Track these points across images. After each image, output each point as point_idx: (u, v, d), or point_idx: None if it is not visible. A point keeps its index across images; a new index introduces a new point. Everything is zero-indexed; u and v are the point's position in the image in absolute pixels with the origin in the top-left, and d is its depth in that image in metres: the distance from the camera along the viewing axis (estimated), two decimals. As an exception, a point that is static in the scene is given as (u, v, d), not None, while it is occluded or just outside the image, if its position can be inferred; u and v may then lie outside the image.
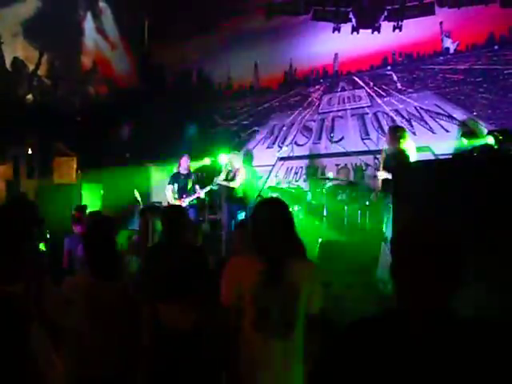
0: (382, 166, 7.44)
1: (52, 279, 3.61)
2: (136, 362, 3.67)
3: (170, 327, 3.81)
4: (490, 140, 6.77)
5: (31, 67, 11.66)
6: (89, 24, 12.41)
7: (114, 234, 4.12)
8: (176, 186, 9.74)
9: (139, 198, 9.60)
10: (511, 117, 8.24)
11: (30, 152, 10.84)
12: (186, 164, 9.86)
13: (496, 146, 6.60)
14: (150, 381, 3.77)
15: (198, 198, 9.68)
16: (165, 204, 9.47)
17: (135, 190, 9.68)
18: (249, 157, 11.12)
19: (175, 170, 9.98)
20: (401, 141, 7.16)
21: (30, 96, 11.75)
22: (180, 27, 11.81)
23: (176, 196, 9.67)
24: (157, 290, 4.02)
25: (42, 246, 5.63)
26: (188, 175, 9.82)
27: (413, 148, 7.19)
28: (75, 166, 11.18)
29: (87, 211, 6.80)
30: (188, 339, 3.79)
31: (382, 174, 7.25)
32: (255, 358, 3.07)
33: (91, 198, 10.36)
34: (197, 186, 9.70)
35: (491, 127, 8.07)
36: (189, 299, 3.88)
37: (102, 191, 10.73)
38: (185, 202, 9.47)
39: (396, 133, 7.38)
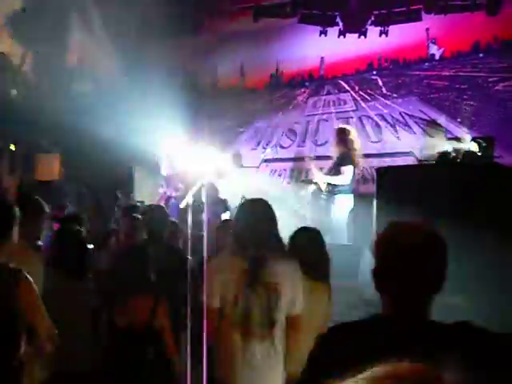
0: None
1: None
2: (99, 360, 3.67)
3: (124, 326, 3.78)
4: (474, 146, 6.81)
5: (16, 63, 11.55)
6: (75, 20, 12.32)
7: (80, 233, 4.12)
8: (164, 187, 9.73)
9: (121, 198, 9.54)
10: (495, 124, 8.30)
11: (12, 148, 10.74)
12: (170, 163, 9.81)
13: (479, 153, 6.64)
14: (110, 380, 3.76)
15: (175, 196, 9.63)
16: (147, 203, 9.43)
17: (117, 190, 9.64)
18: (237, 157, 11.11)
19: (162, 171, 9.96)
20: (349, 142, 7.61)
21: (14, 92, 11.64)
22: (167, 26, 11.76)
23: (162, 196, 9.67)
24: (119, 289, 4.00)
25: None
26: (174, 175, 9.78)
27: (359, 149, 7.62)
28: (58, 163, 11.10)
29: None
30: (142, 338, 3.76)
31: (321, 178, 7.48)
32: (235, 359, 3.06)
33: (73, 196, 10.28)
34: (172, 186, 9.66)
35: (475, 134, 8.11)
36: (148, 299, 3.85)
37: (84, 189, 10.65)
38: (162, 201, 9.44)
39: (345, 134, 7.78)
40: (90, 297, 3.85)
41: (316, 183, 8.21)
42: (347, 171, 7.67)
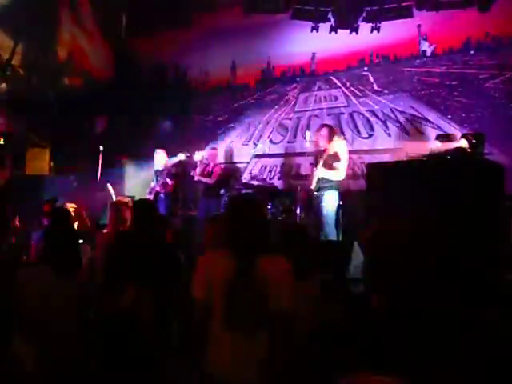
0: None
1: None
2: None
3: (109, 311, 3.79)
4: (464, 143, 6.83)
5: (5, 57, 11.47)
6: (66, 14, 12.25)
7: (71, 227, 4.12)
8: (155, 183, 9.73)
9: (112, 192, 9.50)
10: (485, 121, 8.33)
11: (1, 142, 10.69)
12: (161, 159, 9.80)
13: (469, 149, 6.66)
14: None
15: (168, 190, 9.61)
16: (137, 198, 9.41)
17: (108, 184, 9.60)
18: (229, 153, 11.13)
19: (154, 166, 9.94)
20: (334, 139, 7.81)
21: (3, 85, 11.57)
22: (157, 21, 11.73)
23: (152, 191, 9.66)
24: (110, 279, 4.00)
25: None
26: (162, 171, 9.76)
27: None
28: (48, 157, 11.06)
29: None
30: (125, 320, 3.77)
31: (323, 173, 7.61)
32: (223, 355, 3.07)
33: (63, 191, 10.24)
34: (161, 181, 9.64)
35: (465, 130, 8.16)
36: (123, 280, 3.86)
37: (74, 184, 10.61)
38: (151, 195, 9.44)
39: (332, 132, 7.98)
40: (82, 292, 3.83)
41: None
42: (341, 167, 7.70)
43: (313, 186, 7.83)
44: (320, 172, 7.71)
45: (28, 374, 3.27)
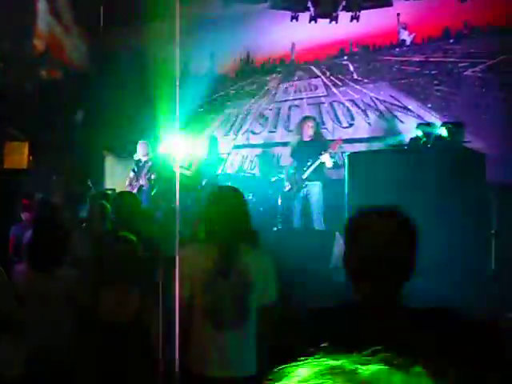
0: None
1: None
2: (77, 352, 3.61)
3: (107, 318, 3.72)
4: (444, 132, 6.85)
5: (-19, 49, 11.32)
6: (42, 6, 12.08)
7: (57, 221, 4.05)
8: (136, 174, 9.66)
9: (91, 185, 9.44)
10: (465, 109, 8.36)
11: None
12: (141, 150, 9.74)
13: (449, 138, 6.68)
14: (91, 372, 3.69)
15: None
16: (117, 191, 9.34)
17: (87, 178, 9.54)
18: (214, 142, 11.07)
19: (136, 158, 9.87)
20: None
21: (-21, 78, 11.41)
22: (136, 11, 11.61)
23: (133, 183, 9.59)
24: (97, 278, 3.94)
25: None
26: (146, 162, 9.70)
27: None
28: (27, 151, 10.93)
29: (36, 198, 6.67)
30: (126, 330, 3.71)
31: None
32: (206, 349, 3.03)
33: (43, 185, 10.13)
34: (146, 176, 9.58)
35: (445, 119, 8.18)
36: (128, 289, 3.80)
37: (53, 177, 10.50)
38: (134, 189, 9.37)
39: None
40: (71, 284, 3.76)
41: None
42: (328, 156, 7.73)
43: (306, 175, 7.84)
44: (325, 158, 7.72)
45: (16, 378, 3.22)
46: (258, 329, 3.09)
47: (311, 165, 7.81)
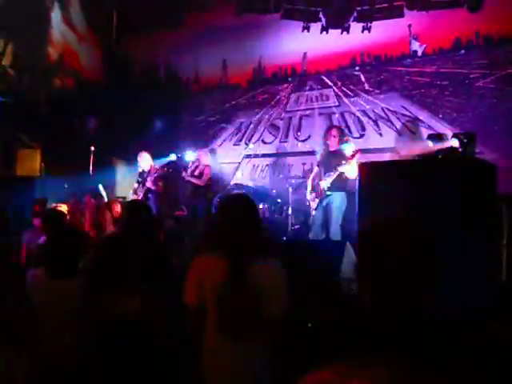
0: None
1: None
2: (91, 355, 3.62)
3: (117, 317, 3.74)
4: (455, 143, 6.84)
5: (-5, 57, 11.41)
6: (56, 14, 12.18)
7: (68, 228, 4.07)
8: (140, 184, 9.69)
9: (103, 193, 9.47)
10: (475, 120, 8.36)
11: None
12: (143, 160, 9.69)
13: (461, 149, 6.67)
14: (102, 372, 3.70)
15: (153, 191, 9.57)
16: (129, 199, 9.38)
17: (99, 185, 9.56)
18: (213, 154, 11.10)
19: (139, 169, 9.88)
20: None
21: (-7, 86, 11.50)
22: (149, 21, 11.69)
23: (138, 192, 9.61)
24: (108, 281, 3.95)
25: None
26: (149, 172, 9.71)
27: None
28: (39, 158, 11.00)
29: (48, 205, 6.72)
30: (137, 329, 3.72)
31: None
32: (217, 360, 3.01)
33: (54, 192, 10.18)
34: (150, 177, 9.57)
35: (456, 130, 8.17)
36: (138, 289, 3.81)
37: (65, 185, 10.55)
38: (140, 196, 9.39)
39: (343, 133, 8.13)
40: (82, 294, 3.78)
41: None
42: (347, 167, 7.67)
43: (326, 185, 7.81)
44: (344, 169, 7.67)
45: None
46: (269, 341, 3.06)
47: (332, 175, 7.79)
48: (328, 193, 7.84)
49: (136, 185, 9.74)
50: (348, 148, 7.81)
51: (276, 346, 3.05)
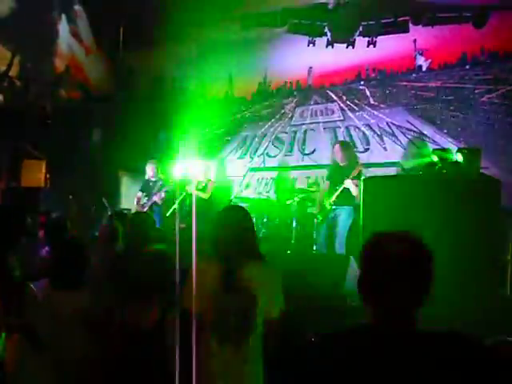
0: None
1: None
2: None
3: (131, 326, 3.74)
4: (459, 157, 6.85)
5: (2, 68, 11.47)
6: (63, 27, 12.26)
7: (73, 240, 4.07)
8: (145, 193, 9.71)
9: (107, 205, 9.49)
10: (480, 135, 8.35)
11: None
12: (151, 171, 9.78)
13: (465, 164, 6.67)
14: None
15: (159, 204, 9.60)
16: (133, 211, 9.38)
17: (103, 198, 9.59)
18: (222, 166, 11.12)
19: (146, 178, 9.92)
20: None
21: (0, 97, 11.56)
22: (155, 34, 11.75)
23: (143, 202, 9.63)
24: (120, 293, 3.96)
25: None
26: (155, 182, 9.75)
27: None
28: (44, 169, 11.03)
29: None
30: (150, 338, 3.73)
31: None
32: (212, 362, 3.08)
33: (59, 203, 10.21)
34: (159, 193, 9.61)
35: (460, 145, 8.18)
36: (150, 300, 3.83)
37: (70, 196, 10.58)
38: (145, 208, 9.42)
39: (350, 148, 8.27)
40: (88, 305, 3.77)
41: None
42: (350, 182, 7.69)
43: (330, 200, 7.84)
44: (348, 184, 7.68)
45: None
46: (264, 342, 3.14)
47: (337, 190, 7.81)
48: (334, 207, 7.86)
49: (140, 193, 9.77)
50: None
51: (272, 347, 3.12)
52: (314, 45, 10.42)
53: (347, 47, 9.99)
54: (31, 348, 2.91)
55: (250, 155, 11.16)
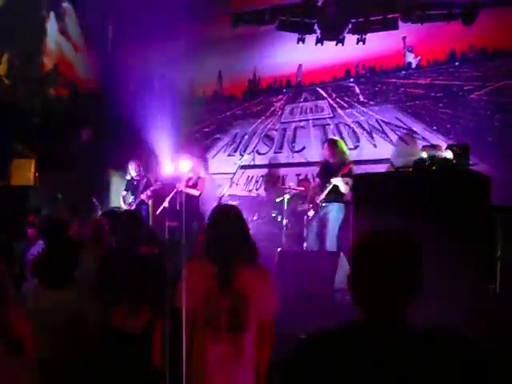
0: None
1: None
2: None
3: (118, 329, 3.73)
4: (449, 154, 6.86)
5: (-10, 66, 11.41)
6: (52, 24, 12.20)
7: (64, 238, 4.05)
8: (130, 192, 9.73)
9: (97, 203, 9.47)
10: (470, 132, 8.37)
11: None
12: (133, 170, 9.79)
13: (454, 161, 6.68)
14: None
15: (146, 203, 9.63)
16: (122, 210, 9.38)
17: (93, 196, 9.58)
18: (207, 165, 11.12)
19: (128, 177, 9.95)
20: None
21: (-12, 95, 11.50)
22: (144, 32, 11.70)
23: (129, 201, 9.64)
24: (108, 294, 3.95)
25: None
26: (139, 180, 9.76)
27: None
28: (33, 168, 10.97)
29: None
30: (137, 341, 3.72)
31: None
32: (205, 361, 3.07)
33: (48, 202, 10.16)
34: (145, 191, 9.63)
35: (450, 142, 8.19)
36: (138, 302, 3.82)
37: (59, 195, 10.53)
38: (133, 206, 9.43)
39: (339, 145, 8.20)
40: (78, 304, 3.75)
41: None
42: (339, 179, 7.69)
43: (322, 196, 7.83)
44: (336, 181, 7.68)
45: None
46: (257, 342, 3.13)
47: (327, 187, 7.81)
48: (323, 204, 7.86)
49: (124, 193, 9.80)
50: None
51: (263, 347, 3.12)
52: (303, 42, 10.42)
53: (336, 44, 10.00)
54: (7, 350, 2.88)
55: (240, 153, 11.14)
